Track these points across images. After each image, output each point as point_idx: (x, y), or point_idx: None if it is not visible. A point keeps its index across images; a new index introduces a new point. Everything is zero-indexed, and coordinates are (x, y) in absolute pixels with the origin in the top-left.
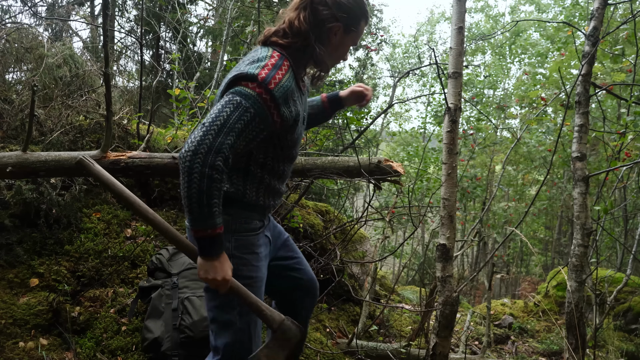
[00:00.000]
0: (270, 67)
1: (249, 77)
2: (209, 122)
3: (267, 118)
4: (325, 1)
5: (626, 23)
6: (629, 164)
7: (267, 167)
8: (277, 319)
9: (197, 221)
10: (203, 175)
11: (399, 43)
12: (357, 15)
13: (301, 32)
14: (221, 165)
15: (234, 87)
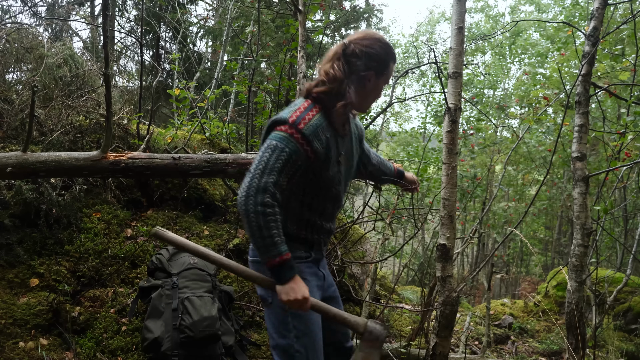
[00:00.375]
0: (302, 111)
1: (281, 122)
2: (254, 167)
3: (301, 154)
4: (357, 53)
5: (626, 23)
6: (629, 164)
7: (306, 203)
8: (362, 323)
9: (265, 253)
10: (257, 213)
11: (398, 43)
12: (386, 60)
13: (337, 78)
14: (270, 201)
15: (271, 133)
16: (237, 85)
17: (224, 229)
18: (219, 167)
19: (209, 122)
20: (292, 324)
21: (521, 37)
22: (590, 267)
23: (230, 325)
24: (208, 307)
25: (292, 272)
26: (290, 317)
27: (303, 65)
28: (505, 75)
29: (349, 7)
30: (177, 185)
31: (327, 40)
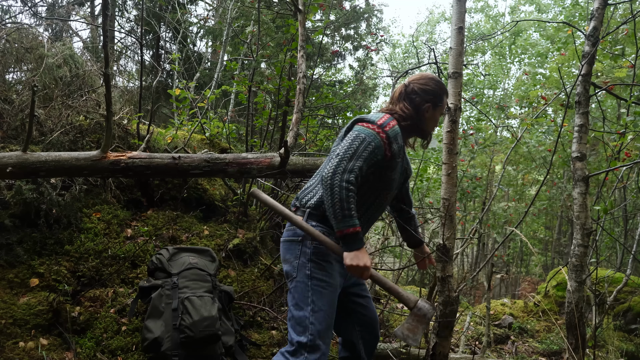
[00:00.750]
0: (386, 119)
1: (369, 121)
2: (343, 152)
3: (382, 151)
4: (416, 91)
5: (626, 23)
6: (629, 164)
7: (365, 196)
8: (413, 299)
9: (341, 223)
10: (342, 188)
11: (398, 43)
12: (440, 94)
13: (408, 116)
14: (353, 181)
15: (357, 126)
16: (237, 85)
17: (224, 229)
18: (219, 166)
19: (209, 122)
20: (311, 298)
21: (521, 37)
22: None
23: (230, 325)
24: (208, 307)
25: (360, 243)
26: (311, 292)
27: (303, 65)
28: (505, 75)
29: (349, 7)
30: (177, 185)
31: (327, 40)
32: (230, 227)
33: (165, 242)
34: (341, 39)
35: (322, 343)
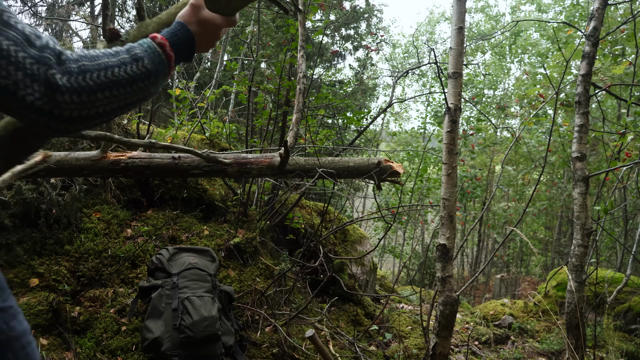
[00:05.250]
0: None
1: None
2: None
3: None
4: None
5: (626, 23)
6: (629, 164)
7: None
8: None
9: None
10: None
11: (399, 43)
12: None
13: None
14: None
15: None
16: (237, 85)
17: (224, 229)
18: (219, 166)
19: (209, 122)
20: None
21: (521, 37)
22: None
23: (230, 325)
24: (208, 307)
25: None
26: None
27: (303, 65)
28: (505, 75)
29: (349, 7)
30: (177, 185)
31: (327, 40)
32: (230, 227)
33: (165, 242)
34: (341, 39)
35: None
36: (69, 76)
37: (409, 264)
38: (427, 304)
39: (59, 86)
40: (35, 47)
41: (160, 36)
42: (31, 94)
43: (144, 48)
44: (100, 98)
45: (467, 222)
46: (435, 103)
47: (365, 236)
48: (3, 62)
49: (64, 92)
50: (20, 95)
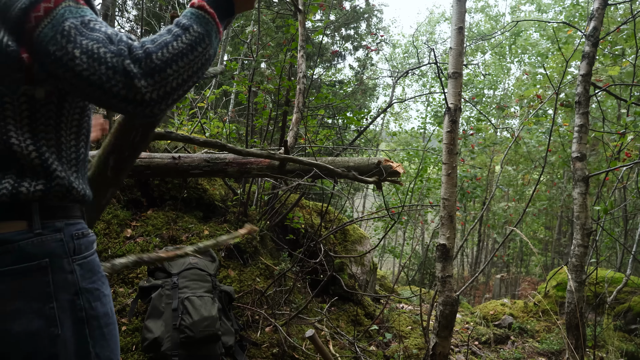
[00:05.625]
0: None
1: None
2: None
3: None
4: None
5: (626, 23)
6: (629, 164)
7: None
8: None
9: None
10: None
11: (399, 43)
12: None
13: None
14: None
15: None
16: (237, 85)
17: (224, 229)
18: (219, 166)
19: (209, 122)
20: (94, 353)
21: (521, 37)
22: (590, 267)
23: (230, 325)
24: (208, 307)
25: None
26: (92, 342)
27: (303, 65)
28: (505, 75)
29: (349, 7)
30: (177, 185)
31: (327, 40)
32: (230, 227)
33: (165, 242)
34: (341, 39)
35: None
36: (139, 62)
37: (409, 264)
38: (427, 304)
39: (134, 74)
40: (114, 43)
41: (197, 0)
42: (115, 85)
43: (188, 16)
44: (170, 73)
45: (467, 222)
46: (435, 103)
47: (365, 236)
48: (89, 60)
49: (140, 77)
50: (107, 87)
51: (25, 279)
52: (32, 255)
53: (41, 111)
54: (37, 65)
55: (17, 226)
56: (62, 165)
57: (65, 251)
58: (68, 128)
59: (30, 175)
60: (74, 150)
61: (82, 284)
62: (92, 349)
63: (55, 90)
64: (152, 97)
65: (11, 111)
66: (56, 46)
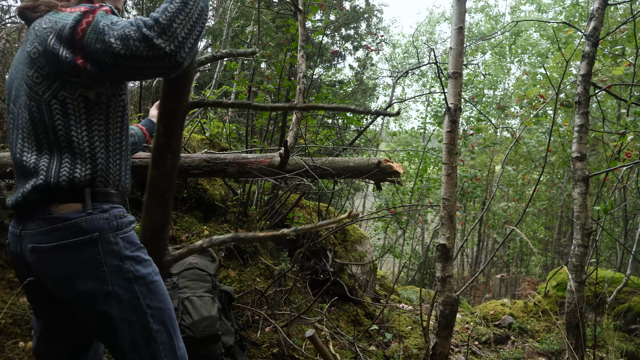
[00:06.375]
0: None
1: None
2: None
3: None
4: None
5: (626, 23)
6: (629, 164)
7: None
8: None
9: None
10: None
11: (398, 43)
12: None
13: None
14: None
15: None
16: (237, 85)
17: (224, 229)
18: (219, 166)
19: (209, 122)
20: (144, 303)
21: (521, 37)
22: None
23: (230, 325)
24: (208, 307)
25: None
26: (142, 297)
27: (303, 65)
28: (505, 75)
29: (349, 7)
30: (177, 185)
31: (327, 40)
32: (230, 227)
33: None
34: (341, 39)
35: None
36: (152, 27)
37: (409, 264)
38: (427, 304)
39: (151, 36)
40: (133, 25)
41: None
42: (143, 50)
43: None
44: (176, 26)
45: (467, 222)
46: (435, 103)
47: (365, 236)
48: (121, 41)
49: (156, 37)
50: (138, 54)
51: (82, 249)
52: (86, 230)
53: (94, 109)
54: (89, 65)
55: (74, 207)
56: (107, 154)
57: (110, 227)
58: (114, 122)
59: (81, 161)
60: (118, 141)
61: (125, 252)
62: (143, 301)
63: (103, 92)
64: (171, 49)
65: (72, 110)
66: (99, 42)
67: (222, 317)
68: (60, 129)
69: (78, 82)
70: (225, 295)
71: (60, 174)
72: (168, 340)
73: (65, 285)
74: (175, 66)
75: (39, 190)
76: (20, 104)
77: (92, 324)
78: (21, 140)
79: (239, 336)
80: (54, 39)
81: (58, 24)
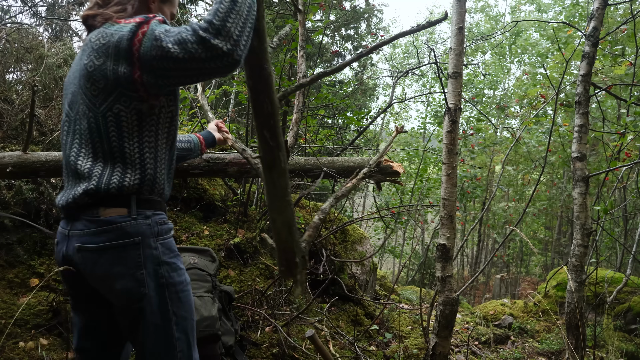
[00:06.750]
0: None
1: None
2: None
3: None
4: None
5: (626, 23)
6: (629, 164)
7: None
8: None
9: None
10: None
11: (399, 43)
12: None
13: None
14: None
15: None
16: (237, 85)
17: (224, 228)
18: (219, 166)
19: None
20: (172, 311)
21: (521, 37)
22: (590, 267)
23: (230, 326)
24: (208, 307)
25: None
26: (170, 303)
27: (303, 65)
28: (505, 75)
29: (349, 7)
30: (177, 185)
31: (327, 40)
32: (230, 227)
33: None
34: (341, 39)
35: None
36: (207, 30)
37: (409, 264)
38: (427, 304)
39: (208, 38)
40: (188, 30)
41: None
42: (202, 52)
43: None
44: (230, 25)
45: (467, 222)
46: (435, 103)
47: (365, 236)
48: (179, 45)
49: (212, 38)
50: (197, 56)
51: (125, 250)
52: (130, 234)
53: (146, 120)
54: (145, 77)
55: (120, 212)
56: (155, 164)
57: (152, 232)
58: (162, 133)
59: (131, 170)
60: (166, 150)
61: (163, 257)
62: (170, 308)
63: (156, 104)
64: (228, 47)
65: (125, 122)
66: (155, 50)
67: (222, 317)
68: (114, 140)
69: (135, 95)
70: (225, 295)
71: (111, 181)
72: (186, 350)
73: (106, 284)
74: (234, 64)
75: (90, 194)
76: (78, 111)
77: (125, 322)
78: (77, 146)
79: (239, 336)
80: (112, 57)
81: (115, 36)
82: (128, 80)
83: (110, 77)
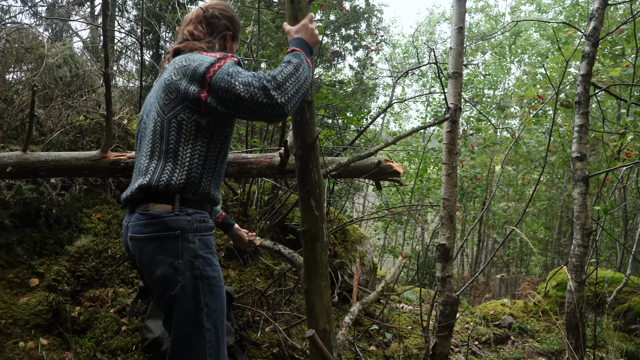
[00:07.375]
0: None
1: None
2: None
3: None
4: (216, 15)
5: (626, 23)
6: (629, 164)
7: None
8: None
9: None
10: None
11: (399, 43)
12: (239, 24)
13: (199, 38)
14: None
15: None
16: None
17: None
18: None
19: None
20: (203, 301)
21: (521, 37)
22: (590, 267)
23: (230, 326)
24: None
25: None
26: (202, 293)
27: None
28: (505, 75)
29: (349, 7)
30: None
31: (327, 40)
32: None
33: None
34: (341, 39)
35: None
36: (270, 82)
37: (409, 264)
38: (427, 304)
39: (270, 88)
40: (255, 77)
41: (291, 48)
42: (261, 97)
43: (290, 55)
44: (288, 85)
45: (467, 222)
46: (435, 103)
47: (365, 236)
48: (245, 87)
49: (273, 89)
50: (256, 99)
51: (166, 241)
52: (171, 228)
53: (202, 132)
54: (209, 99)
55: (165, 207)
56: (202, 171)
57: (191, 228)
58: (214, 147)
59: (179, 171)
60: (213, 163)
61: (199, 252)
62: (203, 299)
63: (212, 121)
64: (282, 101)
65: (185, 130)
66: (224, 82)
67: None
68: (172, 142)
69: (196, 110)
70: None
71: (160, 178)
72: (215, 342)
73: (150, 270)
74: (282, 115)
75: (142, 189)
76: (150, 117)
77: (163, 308)
78: (145, 146)
79: (239, 336)
80: (188, 77)
81: (195, 61)
82: (195, 97)
83: (182, 91)
